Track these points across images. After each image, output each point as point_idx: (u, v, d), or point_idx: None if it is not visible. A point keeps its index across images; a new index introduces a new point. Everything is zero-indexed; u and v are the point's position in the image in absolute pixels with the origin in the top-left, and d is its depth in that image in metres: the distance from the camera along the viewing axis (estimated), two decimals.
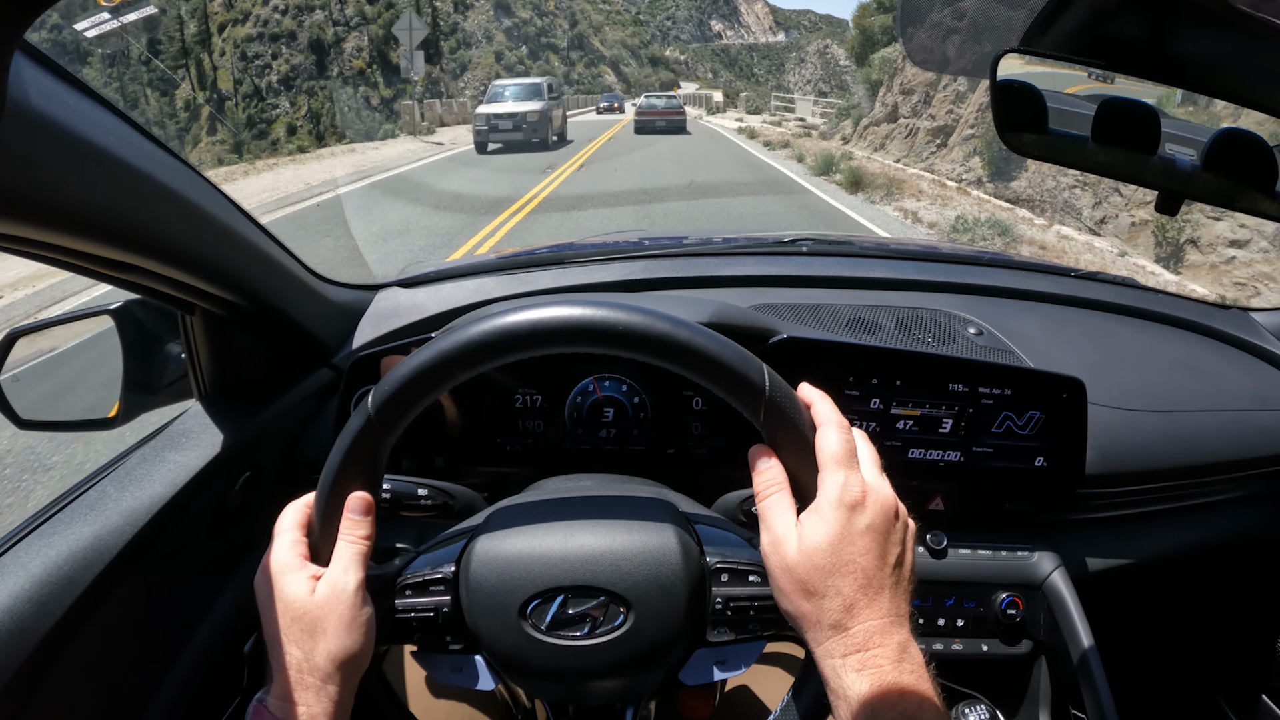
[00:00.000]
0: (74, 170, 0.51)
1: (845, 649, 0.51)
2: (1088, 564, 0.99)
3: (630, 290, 1.13)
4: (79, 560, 0.65)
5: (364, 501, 0.57)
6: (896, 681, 0.50)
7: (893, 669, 0.50)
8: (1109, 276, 1.36)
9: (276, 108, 59.98)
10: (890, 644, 0.51)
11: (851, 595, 0.51)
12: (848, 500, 0.53)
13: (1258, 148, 0.62)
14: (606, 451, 0.96)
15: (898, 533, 0.54)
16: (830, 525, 0.52)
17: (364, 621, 0.56)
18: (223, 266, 0.72)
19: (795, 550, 0.53)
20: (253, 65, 60.83)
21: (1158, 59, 0.56)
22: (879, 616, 0.51)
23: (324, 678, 0.54)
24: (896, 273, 1.24)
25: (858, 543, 0.52)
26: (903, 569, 0.54)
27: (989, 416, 0.92)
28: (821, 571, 0.52)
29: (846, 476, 0.53)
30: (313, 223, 9.28)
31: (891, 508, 0.55)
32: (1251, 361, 1.18)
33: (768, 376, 0.54)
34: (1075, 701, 0.92)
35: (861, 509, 0.53)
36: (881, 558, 0.53)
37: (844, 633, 0.51)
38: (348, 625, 0.55)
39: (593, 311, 0.53)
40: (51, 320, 0.97)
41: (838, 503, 0.53)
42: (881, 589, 0.52)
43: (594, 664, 0.57)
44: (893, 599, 0.52)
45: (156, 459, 0.78)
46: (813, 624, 0.52)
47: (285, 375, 0.91)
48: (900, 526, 0.55)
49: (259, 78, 60.16)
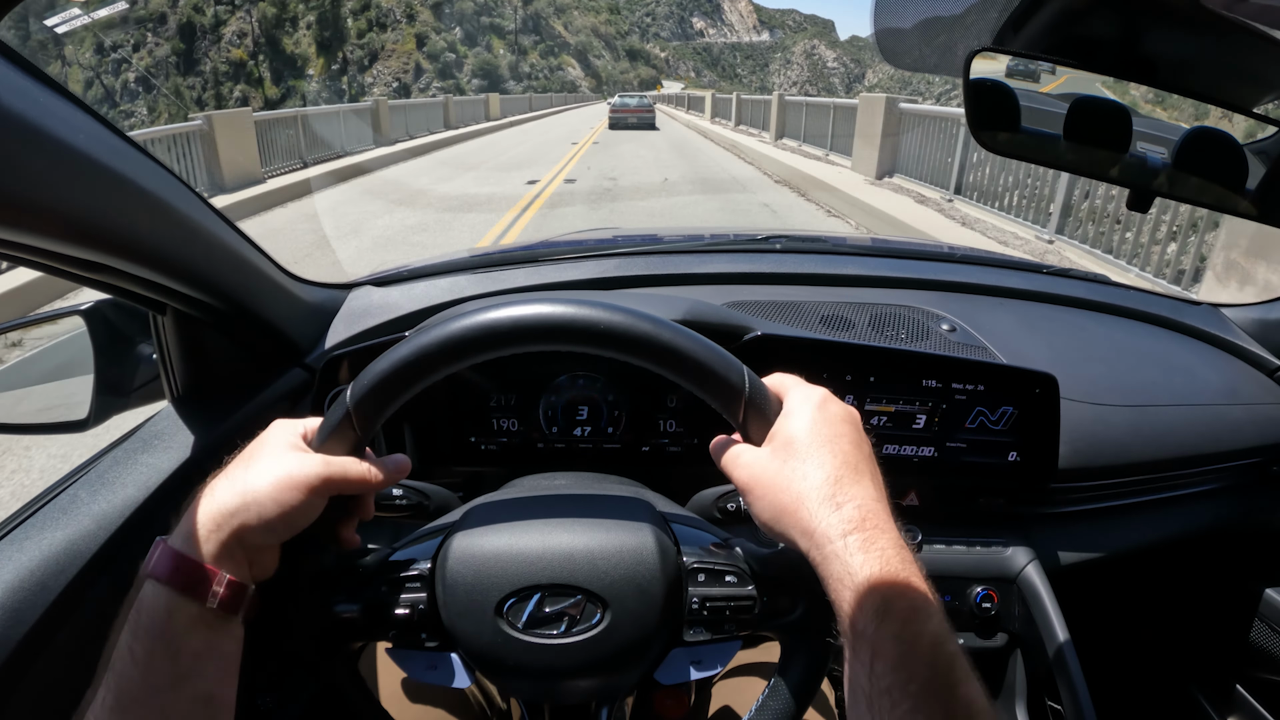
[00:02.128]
0: (44, 168, 0.50)
1: (844, 526, 0.48)
2: (1061, 557, 1.00)
3: (604, 288, 1.13)
4: (52, 566, 0.64)
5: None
6: (903, 567, 0.47)
7: (896, 555, 0.48)
8: (1081, 273, 1.38)
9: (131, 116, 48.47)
10: (889, 529, 0.49)
11: (835, 469, 0.51)
12: (814, 398, 0.55)
13: (1228, 146, 0.63)
14: (581, 449, 0.96)
15: (865, 437, 0.55)
16: (802, 416, 0.53)
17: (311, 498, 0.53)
18: (194, 266, 0.71)
19: (767, 450, 0.53)
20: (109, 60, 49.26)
21: (1129, 58, 0.57)
22: (869, 497, 0.50)
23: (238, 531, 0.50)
24: (870, 270, 1.25)
25: (834, 426, 0.53)
26: (876, 471, 0.53)
27: (962, 412, 0.93)
28: (798, 454, 0.52)
29: (806, 389, 0.56)
30: None
31: (856, 415, 0.56)
32: (1222, 356, 1.20)
33: (747, 378, 0.54)
34: (1051, 693, 0.93)
35: (828, 403, 0.55)
36: (857, 444, 0.53)
37: (837, 508, 0.49)
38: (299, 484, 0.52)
39: (576, 310, 0.53)
40: (21, 321, 0.95)
41: (804, 400, 0.55)
42: (863, 472, 0.51)
43: (570, 663, 0.57)
44: (877, 487, 0.51)
45: (129, 462, 0.77)
46: (800, 509, 0.50)
47: (258, 376, 0.90)
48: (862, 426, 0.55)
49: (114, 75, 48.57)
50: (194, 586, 0.49)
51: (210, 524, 0.51)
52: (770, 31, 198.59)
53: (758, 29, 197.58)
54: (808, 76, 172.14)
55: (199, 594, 0.50)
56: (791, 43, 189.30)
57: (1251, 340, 1.20)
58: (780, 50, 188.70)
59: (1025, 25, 0.58)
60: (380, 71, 64.29)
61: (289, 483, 0.52)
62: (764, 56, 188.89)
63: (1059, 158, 0.66)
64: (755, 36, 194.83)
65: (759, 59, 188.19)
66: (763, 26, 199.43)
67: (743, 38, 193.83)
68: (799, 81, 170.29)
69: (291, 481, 0.52)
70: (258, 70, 52.05)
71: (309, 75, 20.91)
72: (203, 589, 0.50)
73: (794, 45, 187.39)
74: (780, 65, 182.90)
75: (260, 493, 0.52)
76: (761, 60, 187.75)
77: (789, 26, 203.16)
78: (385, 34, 68.10)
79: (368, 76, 63.36)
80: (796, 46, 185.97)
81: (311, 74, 20.98)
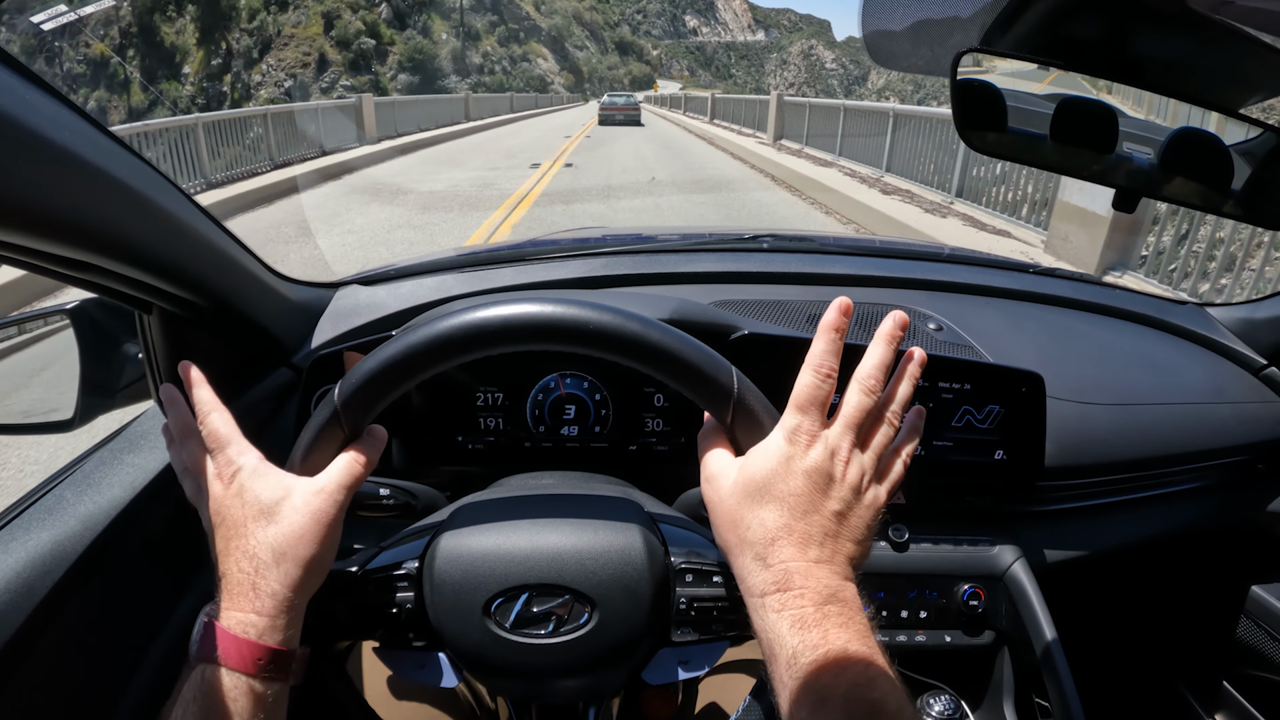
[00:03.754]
0: (29, 166, 0.49)
1: (764, 587, 0.49)
2: (1048, 555, 1.01)
3: (592, 287, 1.13)
4: (38, 567, 0.64)
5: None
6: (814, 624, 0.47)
7: (816, 612, 0.47)
8: (1067, 272, 1.39)
9: None
10: (813, 584, 0.48)
11: (775, 529, 0.50)
12: (794, 440, 0.52)
13: (1214, 147, 0.63)
14: (568, 449, 0.96)
15: (841, 491, 0.52)
16: (769, 458, 0.52)
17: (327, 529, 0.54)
18: (180, 265, 0.70)
19: (730, 481, 0.53)
20: None
21: (1116, 59, 0.57)
22: (803, 559, 0.49)
23: (283, 580, 0.52)
24: (856, 269, 1.25)
25: (792, 481, 0.51)
26: (845, 528, 0.51)
27: (949, 411, 0.94)
28: (750, 500, 0.51)
29: (800, 420, 0.52)
30: None
31: (841, 461, 0.52)
32: (1207, 356, 1.20)
33: (736, 379, 0.54)
34: (1039, 690, 0.93)
35: (805, 453, 0.51)
36: (815, 505, 0.51)
37: (766, 569, 0.49)
38: (314, 530, 0.53)
39: (564, 310, 0.53)
40: (5, 321, 0.94)
41: (783, 439, 0.52)
42: (810, 538, 0.50)
43: (557, 663, 0.57)
44: (825, 549, 0.50)
45: (115, 462, 0.77)
46: (737, 555, 0.51)
47: (244, 375, 0.89)
48: (848, 490, 0.52)
49: None
50: (278, 671, 0.51)
51: (276, 606, 0.51)
52: (766, 31, 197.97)
53: (753, 28, 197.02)
54: (805, 78, 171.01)
55: (281, 675, 0.51)
56: (788, 42, 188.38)
57: (1237, 339, 1.21)
58: (776, 50, 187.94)
59: (1013, 26, 0.59)
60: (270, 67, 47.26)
61: (322, 518, 0.53)
62: (759, 57, 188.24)
63: (1045, 158, 0.66)
64: (750, 36, 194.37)
65: (754, 59, 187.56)
66: (758, 25, 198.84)
67: (737, 37, 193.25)
68: (796, 83, 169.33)
69: (324, 516, 0.54)
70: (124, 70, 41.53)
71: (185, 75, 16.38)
72: (284, 672, 0.52)
73: (790, 45, 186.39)
74: (776, 66, 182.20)
75: (302, 542, 0.52)
76: (757, 60, 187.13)
77: (784, 26, 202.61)
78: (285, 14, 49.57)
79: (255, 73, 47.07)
80: (793, 47, 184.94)
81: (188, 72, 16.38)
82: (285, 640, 0.52)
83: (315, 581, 0.54)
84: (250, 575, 0.51)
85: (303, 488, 0.54)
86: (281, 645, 0.51)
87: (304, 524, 0.53)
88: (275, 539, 0.52)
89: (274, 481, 0.54)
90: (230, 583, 0.52)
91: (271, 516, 0.53)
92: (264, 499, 0.53)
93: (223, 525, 0.54)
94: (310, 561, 0.53)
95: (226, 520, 0.54)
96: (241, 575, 0.51)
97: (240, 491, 0.54)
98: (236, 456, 0.56)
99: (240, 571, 0.51)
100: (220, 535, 0.54)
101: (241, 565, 0.52)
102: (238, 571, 0.52)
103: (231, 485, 0.55)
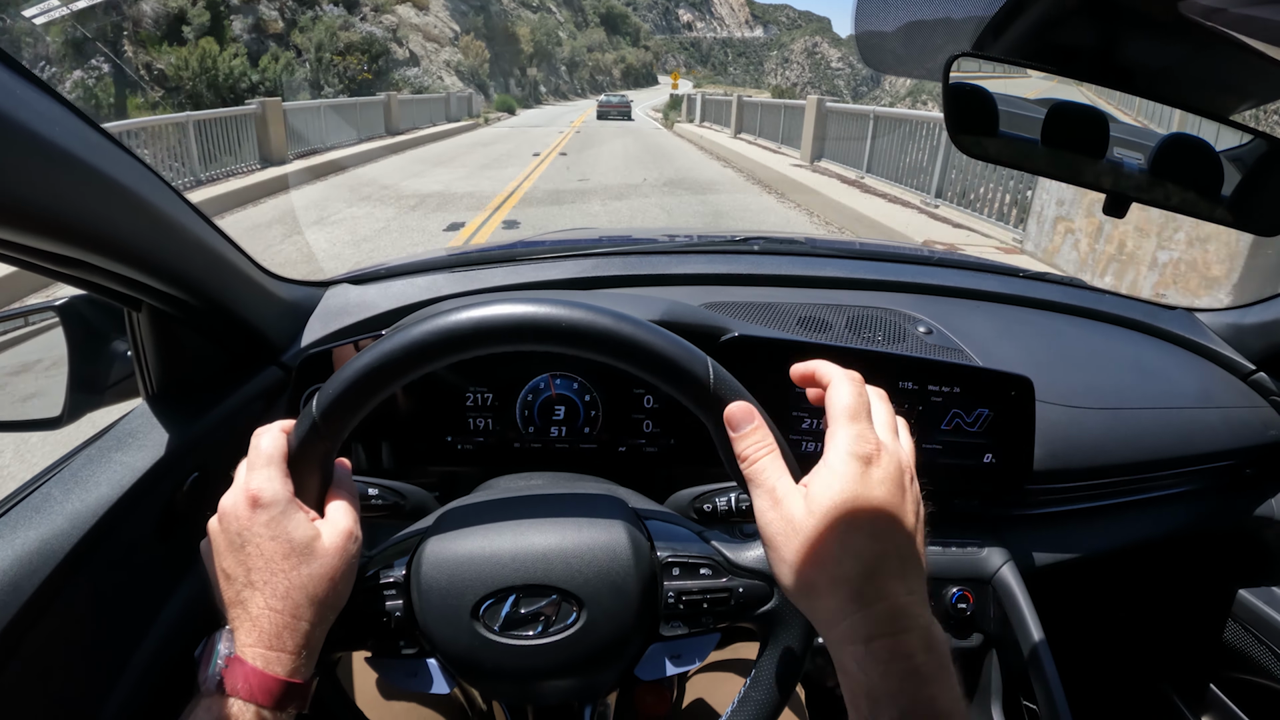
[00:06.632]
0: (18, 161, 0.49)
1: (870, 630, 0.44)
2: (1036, 558, 1.01)
3: (582, 288, 1.13)
4: (24, 566, 0.63)
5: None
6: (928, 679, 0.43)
7: (927, 662, 0.44)
8: (1057, 276, 1.39)
9: None
10: (918, 628, 0.44)
11: (872, 559, 0.45)
12: (861, 453, 0.48)
13: (1204, 153, 0.63)
14: (558, 450, 0.96)
15: (912, 496, 0.49)
16: (844, 478, 0.47)
17: (353, 573, 0.55)
18: (170, 262, 0.70)
19: (803, 508, 0.47)
20: None
21: (1108, 65, 0.57)
22: (905, 591, 0.45)
23: (314, 620, 0.52)
24: (847, 272, 1.25)
25: (875, 497, 0.46)
26: (918, 538, 0.48)
27: (938, 414, 0.94)
28: (836, 529, 0.45)
29: (860, 429, 0.49)
30: None
31: (907, 467, 0.50)
32: (1196, 361, 1.21)
33: (711, 370, 0.53)
34: (1026, 693, 0.94)
35: (876, 462, 0.48)
36: (901, 517, 0.47)
37: (866, 608, 0.44)
38: (346, 574, 0.54)
39: (535, 309, 0.52)
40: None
41: (850, 455, 0.47)
42: (906, 563, 0.46)
43: (548, 663, 0.57)
44: (917, 570, 0.47)
45: (102, 460, 0.76)
46: (826, 595, 0.45)
47: (233, 374, 0.89)
48: (915, 491, 0.50)
49: None
50: (297, 702, 0.51)
51: (307, 645, 0.52)
52: (764, 27, 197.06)
53: (750, 24, 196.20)
54: (809, 78, 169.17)
55: (299, 706, 0.52)
56: (789, 40, 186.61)
57: (1225, 344, 1.22)
58: (777, 48, 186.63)
59: (1005, 31, 0.59)
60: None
61: (351, 561, 0.55)
62: (759, 54, 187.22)
63: (1036, 162, 0.66)
64: (748, 32, 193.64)
65: (753, 56, 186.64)
66: (755, 22, 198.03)
67: (734, 33, 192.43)
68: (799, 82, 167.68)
69: (352, 559, 0.55)
70: None
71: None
72: (303, 702, 0.52)
73: (793, 43, 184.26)
74: (778, 64, 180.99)
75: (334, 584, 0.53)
76: (755, 58, 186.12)
77: (783, 23, 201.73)
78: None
79: None
80: (796, 44, 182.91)
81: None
82: (306, 674, 0.52)
83: (335, 617, 0.55)
84: (283, 615, 0.51)
85: (329, 530, 0.54)
86: (303, 680, 0.51)
87: (336, 567, 0.53)
88: (309, 582, 0.51)
89: (302, 519, 0.53)
90: (257, 619, 0.51)
91: (304, 557, 0.52)
92: (295, 538, 0.52)
93: (244, 552, 0.52)
94: (339, 602, 0.54)
95: (251, 551, 0.52)
96: (274, 615, 0.51)
97: (270, 524, 0.52)
98: (268, 484, 0.53)
99: (272, 611, 0.51)
100: (239, 560, 0.52)
101: (273, 604, 0.51)
102: (269, 610, 0.51)
103: (258, 512, 0.53)
